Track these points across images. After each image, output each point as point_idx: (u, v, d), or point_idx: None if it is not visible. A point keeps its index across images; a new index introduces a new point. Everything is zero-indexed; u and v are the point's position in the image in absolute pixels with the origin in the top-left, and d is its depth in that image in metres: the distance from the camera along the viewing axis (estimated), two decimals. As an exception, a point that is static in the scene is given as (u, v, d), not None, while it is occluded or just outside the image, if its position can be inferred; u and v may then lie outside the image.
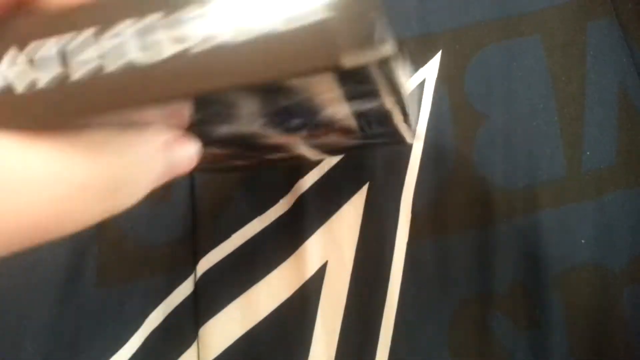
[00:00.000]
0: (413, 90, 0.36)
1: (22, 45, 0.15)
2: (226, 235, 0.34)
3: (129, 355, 0.31)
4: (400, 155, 0.35)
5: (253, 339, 0.32)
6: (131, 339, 0.32)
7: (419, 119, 0.36)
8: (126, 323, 0.32)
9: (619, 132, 0.34)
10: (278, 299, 0.33)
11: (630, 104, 0.35)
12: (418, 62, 0.37)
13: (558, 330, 0.32)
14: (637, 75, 0.35)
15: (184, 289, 0.33)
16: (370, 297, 0.33)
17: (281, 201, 0.35)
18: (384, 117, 0.20)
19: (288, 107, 0.18)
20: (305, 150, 0.24)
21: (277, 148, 0.24)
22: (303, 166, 0.35)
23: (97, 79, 0.14)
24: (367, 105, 0.19)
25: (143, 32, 0.14)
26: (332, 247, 0.34)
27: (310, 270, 0.33)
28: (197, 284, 0.33)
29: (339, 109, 0.19)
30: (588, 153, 0.34)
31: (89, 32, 0.14)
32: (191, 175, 0.35)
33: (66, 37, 0.14)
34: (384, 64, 0.15)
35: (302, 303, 0.33)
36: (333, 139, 0.23)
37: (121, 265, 0.33)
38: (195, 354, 0.32)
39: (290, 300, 0.33)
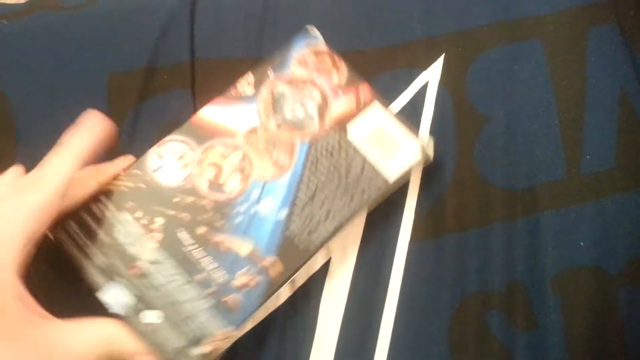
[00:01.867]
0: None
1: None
2: None
3: None
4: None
5: (258, 331, 0.33)
6: None
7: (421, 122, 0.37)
8: None
9: (619, 136, 0.35)
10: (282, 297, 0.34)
11: (630, 109, 0.35)
12: (421, 65, 0.38)
13: (556, 331, 0.32)
14: (637, 81, 0.36)
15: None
16: (372, 294, 0.34)
17: None
18: None
19: None
20: None
21: None
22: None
23: None
24: None
25: None
26: (336, 244, 0.34)
27: (314, 265, 0.34)
28: None
29: None
30: (588, 156, 0.35)
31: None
32: None
33: None
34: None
35: (305, 297, 0.34)
36: None
37: None
38: None
39: (293, 294, 0.34)
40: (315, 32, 0.37)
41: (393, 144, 0.34)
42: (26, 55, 0.37)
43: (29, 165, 0.35)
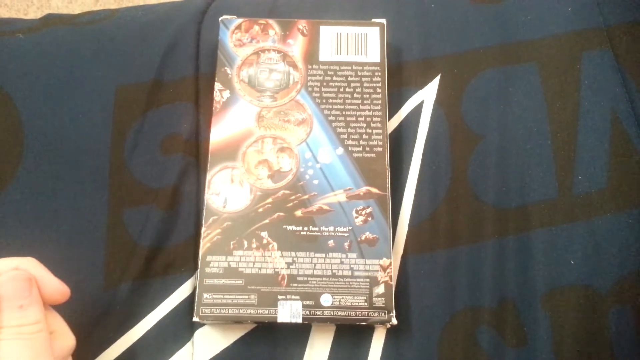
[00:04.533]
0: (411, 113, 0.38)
1: None
2: None
3: (124, 348, 0.33)
4: (400, 172, 0.37)
5: (249, 342, 0.34)
6: (128, 333, 0.33)
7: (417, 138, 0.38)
8: (126, 318, 0.33)
9: (611, 157, 0.36)
10: None
11: (622, 131, 0.36)
12: (417, 84, 0.39)
13: (545, 348, 0.33)
14: (629, 104, 0.37)
15: (184, 290, 0.34)
16: None
17: None
18: None
19: None
20: None
21: None
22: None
23: None
24: None
25: None
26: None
27: None
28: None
29: None
30: (579, 177, 0.35)
31: None
32: (197, 186, 0.37)
33: None
34: None
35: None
36: None
37: (127, 265, 0.34)
38: (189, 355, 0.33)
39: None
40: (228, 17, 0.39)
41: (354, 37, 0.38)
42: (38, 67, 0.39)
43: (34, 176, 0.36)
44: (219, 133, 0.36)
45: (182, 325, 0.34)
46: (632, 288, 0.33)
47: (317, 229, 0.34)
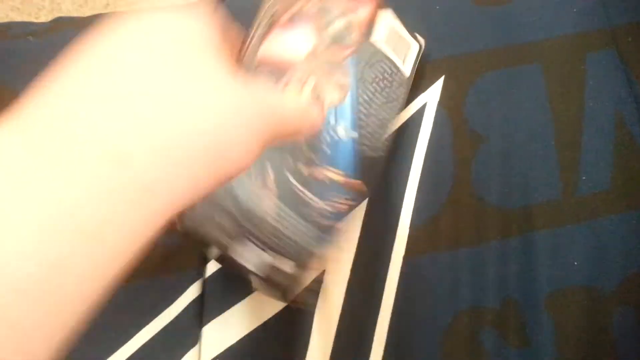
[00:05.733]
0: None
1: None
2: None
3: (134, 349, 0.33)
4: (401, 173, 0.37)
5: (254, 340, 0.34)
6: (138, 334, 0.34)
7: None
8: (135, 319, 0.34)
9: (615, 158, 0.36)
10: (279, 305, 0.35)
11: (627, 132, 0.36)
12: (420, 87, 0.39)
13: (548, 349, 0.33)
14: (634, 104, 0.36)
15: (193, 290, 0.35)
16: (365, 308, 0.34)
17: None
18: None
19: None
20: None
21: None
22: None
23: None
24: None
25: None
26: (330, 258, 0.35)
27: (309, 278, 0.35)
28: (205, 286, 0.35)
29: None
30: (584, 177, 0.35)
31: None
32: None
33: None
34: None
35: (299, 310, 0.35)
36: None
37: (135, 266, 0.35)
38: (196, 352, 0.34)
39: (289, 306, 0.35)
40: None
41: (402, 41, 0.35)
42: (47, 69, 0.40)
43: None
44: (274, 45, 0.31)
45: (189, 324, 0.34)
46: (635, 289, 0.33)
47: (310, 195, 0.32)
